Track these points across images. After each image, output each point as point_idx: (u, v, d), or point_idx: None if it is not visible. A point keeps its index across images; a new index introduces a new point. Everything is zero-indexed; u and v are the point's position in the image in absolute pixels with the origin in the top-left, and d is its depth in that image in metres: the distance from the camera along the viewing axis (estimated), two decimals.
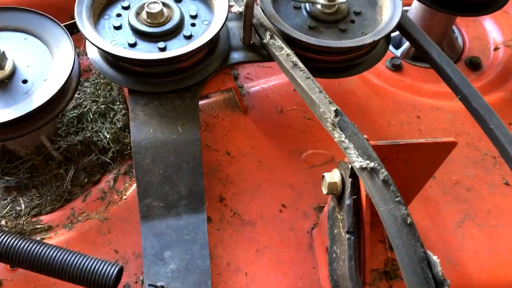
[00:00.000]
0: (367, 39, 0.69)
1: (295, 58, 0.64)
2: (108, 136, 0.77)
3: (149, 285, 0.58)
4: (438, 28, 0.93)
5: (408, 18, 0.75)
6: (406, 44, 0.98)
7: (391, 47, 1.00)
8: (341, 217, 0.50)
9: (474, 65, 0.97)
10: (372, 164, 0.47)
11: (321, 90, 0.60)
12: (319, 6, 0.74)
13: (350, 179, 0.49)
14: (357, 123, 0.82)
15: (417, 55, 0.99)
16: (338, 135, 0.52)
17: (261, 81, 0.88)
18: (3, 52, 0.65)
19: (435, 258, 0.42)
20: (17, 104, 0.63)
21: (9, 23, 0.71)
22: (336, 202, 0.52)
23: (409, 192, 0.63)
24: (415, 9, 0.95)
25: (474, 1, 0.84)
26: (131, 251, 0.67)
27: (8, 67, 0.66)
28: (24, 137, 0.67)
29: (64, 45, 0.68)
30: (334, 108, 0.56)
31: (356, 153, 0.49)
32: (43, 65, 0.68)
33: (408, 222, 0.43)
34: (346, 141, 0.51)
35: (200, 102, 0.82)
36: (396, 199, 0.44)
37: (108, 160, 0.76)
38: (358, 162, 0.48)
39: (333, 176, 0.51)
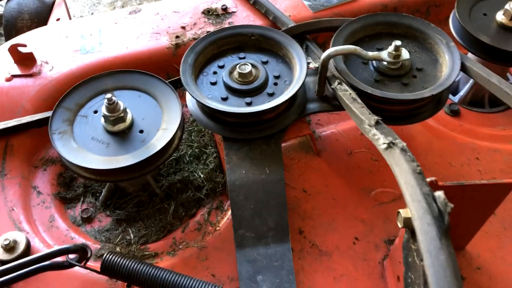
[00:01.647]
0: (426, 93, 0.79)
1: (355, 95, 0.76)
2: (202, 176, 0.90)
3: None
4: None
5: (471, 62, 0.84)
6: (463, 91, 1.07)
7: (449, 94, 1.09)
8: (415, 247, 0.59)
9: None
10: (391, 140, 0.62)
11: (370, 113, 0.71)
12: (385, 63, 0.85)
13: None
14: (420, 163, 0.92)
15: (473, 100, 1.07)
16: (371, 132, 0.66)
17: (331, 126, 0.99)
18: (125, 107, 0.81)
19: (440, 193, 0.51)
20: (136, 150, 0.78)
21: (127, 83, 0.87)
22: (410, 234, 0.61)
23: (472, 227, 0.71)
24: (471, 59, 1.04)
25: None
26: (226, 275, 0.78)
27: (128, 119, 0.81)
28: None
29: (172, 100, 0.83)
30: (375, 118, 0.69)
31: (382, 137, 0.63)
32: (156, 118, 0.82)
33: (418, 171, 0.55)
34: (377, 132, 0.65)
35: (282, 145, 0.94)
36: (410, 160, 0.58)
37: (202, 196, 0.89)
38: (382, 141, 0.62)
39: (408, 212, 0.60)
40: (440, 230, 0.48)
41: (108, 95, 0.77)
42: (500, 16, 0.96)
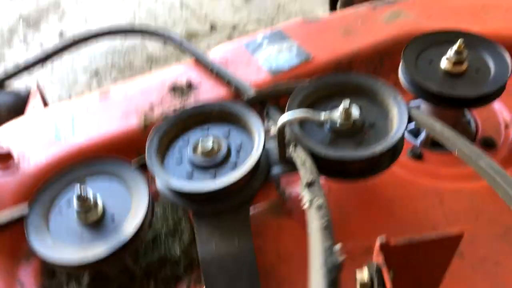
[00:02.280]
0: (376, 150, 0.83)
1: (305, 157, 0.81)
2: (178, 252, 0.93)
3: None
4: (450, 119, 1.06)
5: (417, 112, 0.89)
6: (424, 132, 1.11)
7: (410, 137, 1.13)
8: None
9: (489, 144, 1.08)
10: (311, 198, 0.68)
11: (311, 173, 0.77)
12: (338, 122, 0.90)
13: (377, 275, 0.61)
14: (385, 213, 0.95)
15: (435, 140, 1.11)
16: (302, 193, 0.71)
17: (295, 184, 1.03)
18: (95, 199, 0.84)
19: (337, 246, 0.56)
20: (109, 239, 0.81)
21: (97, 169, 0.91)
22: None
23: (436, 276, 0.73)
24: (424, 106, 1.09)
25: (479, 96, 0.97)
26: None
27: (99, 210, 0.84)
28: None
29: (139, 183, 0.87)
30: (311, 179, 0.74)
31: (307, 196, 0.69)
32: (125, 203, 0.86)
33: (324, 226, 0.62)
34: (306, 192, 0.71)
35: (251, 213, 0.97)
36: (321, 216, 0.65)
37: (181, 273, 0.91)
38: (304, 200, 0.67)
39: (363, 274, 0.63)
40: (329, 283, 0.53)
41: (77, 187, 0.80)
42: (444, 63, 1.02)
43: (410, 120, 0.89)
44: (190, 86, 1.21)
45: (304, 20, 1.40)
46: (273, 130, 0.97)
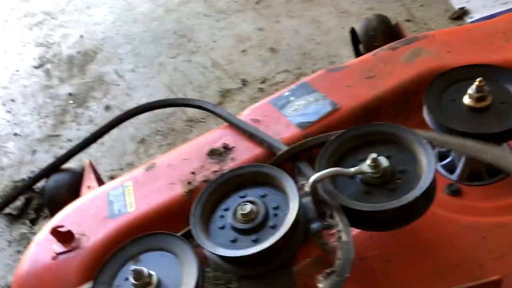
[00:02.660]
0: (410, 197, 0.85)
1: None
2: None
3: None
4: None
5: (442, 136, 0.90)
6: (459, 167, 1.12)
7: (446, 173, 1.14)
8: None
9: None
10: None
11: None
12: (368, 174, 0.93)
13: None
14: (429, 255, 0.96)
15: (473, 174, 1.11)
16: None
17: None
18: (149, 273, 0.90)
19: None
20: None
21: (150, 245, 0.98)
22: None
23: None
24: None
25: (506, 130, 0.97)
26: None
27: (154, 282, 0.90)
28: None
29: (188, 254, 0.93)
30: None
31: None
32: (177, 274, 0.92)
33: None
34: None
35: (295, 268, 1.00)
36: None
37: None
38: None
39: None
40: None
41: (132, 267, 0.88)
42: (467, 99, 1.04)
43: (438, 145, 0.91)
44: (226, 148, 1.29)
45: (328, 70, 1.45)
46: (307, 187, 1.02)
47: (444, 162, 1.16)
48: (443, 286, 0.90)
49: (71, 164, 1.72)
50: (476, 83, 1.01)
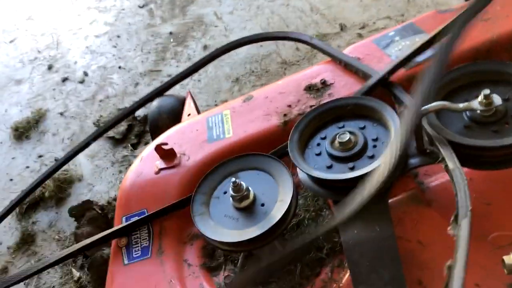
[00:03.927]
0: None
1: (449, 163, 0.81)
2: (321, 237, 1.01)
3: None
4: None
5: None
6: None
7: None
8: None
9: None
10: None
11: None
12: (478, 111, 0.89)
13: None
14: None
15: None
16: None
17: (439, 176, 1.03)
18: (247, 186, 0.96)
19: None
20: (260, 222, 0.92)
21: (247, 164, 1.03)
22: None
23: None
24: None
25: None
26: None
27: (251, 196, 0.96)
28: None
29: (284, 175, 0.97)
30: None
31: None
32: (273, 192, 0.96)
33: None
34: None
35: (390, 201, 1.00)
36: None
37: (324, 256, 0.98)
38: None
39: (511, 258, 0.63)
40: None
41: (233, 179, 0.93)
42: None
43: None
44: (324, 84, 1.29)
45: (438, 11, 1.37)
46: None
47: None
48: None
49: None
50: None
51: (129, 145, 2.11)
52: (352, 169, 0.92)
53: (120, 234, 1.16)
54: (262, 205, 0.95)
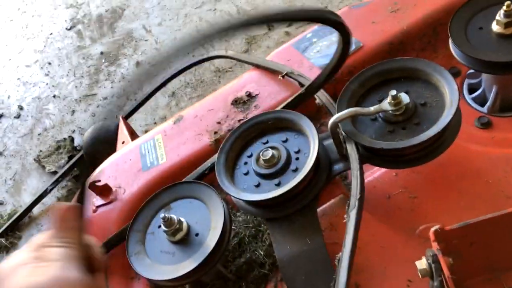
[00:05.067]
0: (430, 133, 0.83)
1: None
2: (262, 253, 1.01)
3: None
4: None
5: None
6: (490, 99, 1.07)
7: (476, 106, 1.10)
8: None
9: None
10: None
11: None
12: (390, 112, 0.91)
13: (434, 264, 0.63)
14: (456, 189, 0.95)
15: (504, 106, 1.07)
16: None
17: (366, 175, 1.05)
18: (179, 219, 0.95)
19: None
20: (196, 253, 0.91)
21: (179, 194, 1.02)
22: (431, 283, 0.66)
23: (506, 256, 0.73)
24: (485, 75, 1.05)
25: None
26: None
27: (184, 228, 0.95)
28: None
29: (215, 200, 0.97)
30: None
31: None
32: (206, 219, 0.96)
33: None
34: None
35: (322, 208, 1.02)
36: None
37: (266, 272, 0.99)
38: None
39: (422, 263, 0.66)
40: None
41: (161, 215, 0.92)
42: (495, 27, 0.98)
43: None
44: (250, 96, 1.29)
45: (351, 6, 1.40)
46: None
47: (474, 94, 1.12)
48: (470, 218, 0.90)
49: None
50: (504, 7, 0.94)
51: (71, 177, 2.06)
52: (278, 185, 0.93)
53: None
54: (197, 235, 0.95)
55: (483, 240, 0.69)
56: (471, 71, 1.12)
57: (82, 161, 1.97)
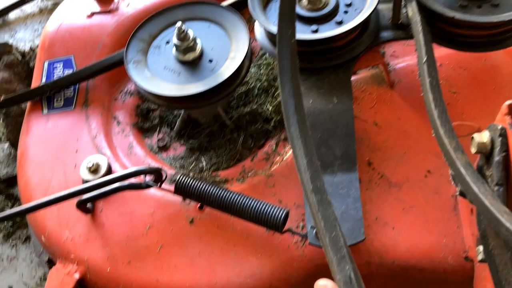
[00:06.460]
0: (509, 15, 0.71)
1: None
2: (270, 108, 0.91)
3: (311, 227, 0.70)
4: None
5: None
6: None
7: None
8: (489, 173, 0.56)
9: None
10: None
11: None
12: None
13: (500, 138, 0.54)
14: (502, 97, 0.85)
15: None
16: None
17: (406, 58, 0.94)
18: (195, 37, 0.82)
19: None
20: (206, 79, 0.79)
21: (197, 14, 0.88)
22: (484, 160, 0.57)
23: None
24: None
25: None
26: (292, 202, 0.79)
27: (198, 49, 0.82)
28: (205, 108, 0.84)
29: (240, 30, 0.83)
30: None
31: None
32: (224, 47, 0.83)
33: None
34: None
35: (355, 78, 0.91)
36: None
37: (270, 128, 0.89)
38: None
39: (482, 136, 0.57)
40: None
41: (179, 24, 0.78)
42: None
43: None
44: None
45: None
46: None
47: None
48: None
49: None
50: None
51: None
52: (315, 32, 0.80)
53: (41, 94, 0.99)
54: (210, 61, 0.82)
55: None
56: None
57: None
